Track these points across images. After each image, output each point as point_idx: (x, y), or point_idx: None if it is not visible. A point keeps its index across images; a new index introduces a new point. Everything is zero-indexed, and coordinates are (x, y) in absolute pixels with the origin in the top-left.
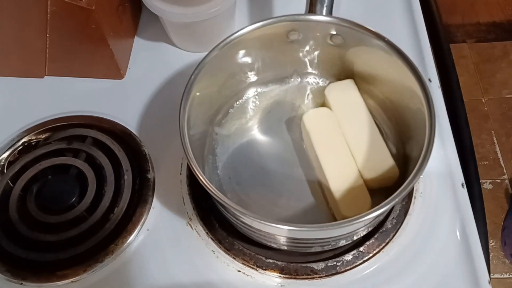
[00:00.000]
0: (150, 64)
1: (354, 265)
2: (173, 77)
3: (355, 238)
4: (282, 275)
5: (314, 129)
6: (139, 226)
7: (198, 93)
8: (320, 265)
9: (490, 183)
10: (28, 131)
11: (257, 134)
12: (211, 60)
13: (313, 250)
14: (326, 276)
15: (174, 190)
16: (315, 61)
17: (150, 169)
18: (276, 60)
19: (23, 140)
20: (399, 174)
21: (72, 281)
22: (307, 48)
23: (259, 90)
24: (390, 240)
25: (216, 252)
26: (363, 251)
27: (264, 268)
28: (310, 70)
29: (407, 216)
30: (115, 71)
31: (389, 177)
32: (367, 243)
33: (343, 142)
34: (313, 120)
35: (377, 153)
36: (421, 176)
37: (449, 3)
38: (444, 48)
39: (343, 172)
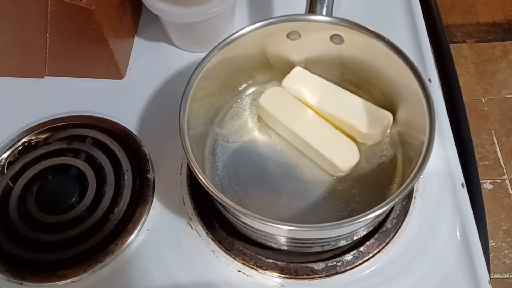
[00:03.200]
0: (150, 64)
1: (354, 265)
2: (173, 77)
3: (355, 238)
4: (282, 275)
5: (275, 108)
6: (139, 226)
7: (198, 93)
8: (320, 265)
9: (490, 183)
10: (28, 131)
11: (257, 134)
12: (211, 60)
13: (313, 250)
14: (326, 276)
15: (174, 190)
16: (315, 61)
17: (150, 169)
18: (276, 60)
19: (23, 140)
20: (393, 117)
21: (72, 281)
22: (307, 48)
23: (259, 90)
24: (390, 240)
25: (216, 252)
26: (363, 251)
27: (264, 268)
28: (310, 70)
29: (407, 216)
30: (115, 71)
31: (387, 124)
32: (367, 243)
33: (306, 108)
34: (270, 101)
35: (365, 109)
36: (421, 176)
37: (449, 3)
38: (444, 48)
39: (321, 132)
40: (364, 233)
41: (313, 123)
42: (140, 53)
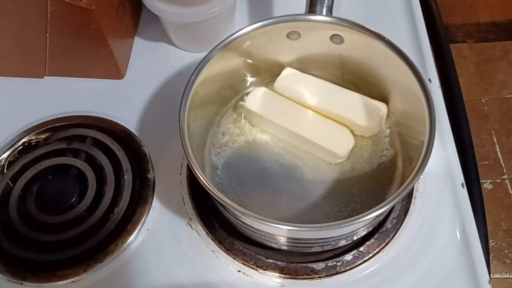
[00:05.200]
0: (150, 64)
1: (354, 265)
2: (173, 77)
3: (355, 238)
4: (282, 275)
5: (262, 108)
6: (139, 226)
7: (198, 93)
8: (320, 265)
9: (490, 183)
10: (28, 131)
11: (257, 134)
12: (211, 60)
13: (313, 250)
14: (326, 276)
15: (174, 190)
16: (315, 61)
17: (150, 169)
18: (276, 60)
19: (23, 140)
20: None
21: (72, 281)
22: (307, 48)
23: None
24: (390, 240)
25: (216, 252)
26: (363, 251)
27: (264, 268)
28: (310, 70)
29: (407, 216)
30: (115, 71)
31: (383, 115)
32: (367, 243)
33: (293, 103)
34: (256, 103)
35: (360, 103)
36: (421, 176)
37: (449, 3)
38: (444, 48)
39: (313, 123)
40: (364, 233)
41: (303, 116)
42: (140, 53)
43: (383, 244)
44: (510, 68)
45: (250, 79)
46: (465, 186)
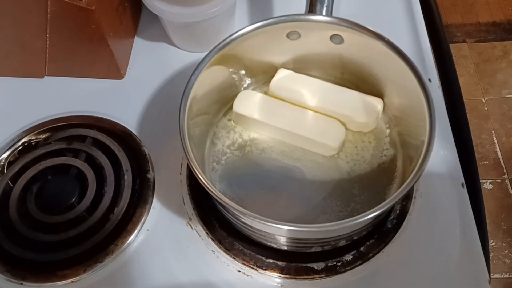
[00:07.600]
0: (150, 64)
1: (354, 265)
2: (173, 77)
3: (355, 238)
4: (282, 275)
5: (251, 110)
6: (139, 226)
7: (198, 93)
8: (320, 265)
9: (490, 183)
10: (28, 131)
11: (257, 134)
12: (211, 60)
13: (313, 250)
14: (326, 276)
15: (174, 190)
16: (315, 61)
17: (150, 169)
18: (275, 60)
19: (23, 140)
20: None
21: (72, 281)
22: (307, 48)
23: (259, 90)
24: (390, 240)
25: (216, 252)
26: (363, 251)
27: (264, 268)
28: (309, 70)
29: (407, 216)
30: (115, 71)
31: (380, 110)
32: (367, 243)
33: (281, 102)
34: (244, 105)
35: (357, 99)
36: (421, 176)
37: (449, 3)
38: (444, 48)
39: (303, 119)
40: (364, 233)
41: (292, 113)
42: (140, 53)
43: (383, 244)
44: (510, 68)
45: (248, 80)
46: (465, 186)
